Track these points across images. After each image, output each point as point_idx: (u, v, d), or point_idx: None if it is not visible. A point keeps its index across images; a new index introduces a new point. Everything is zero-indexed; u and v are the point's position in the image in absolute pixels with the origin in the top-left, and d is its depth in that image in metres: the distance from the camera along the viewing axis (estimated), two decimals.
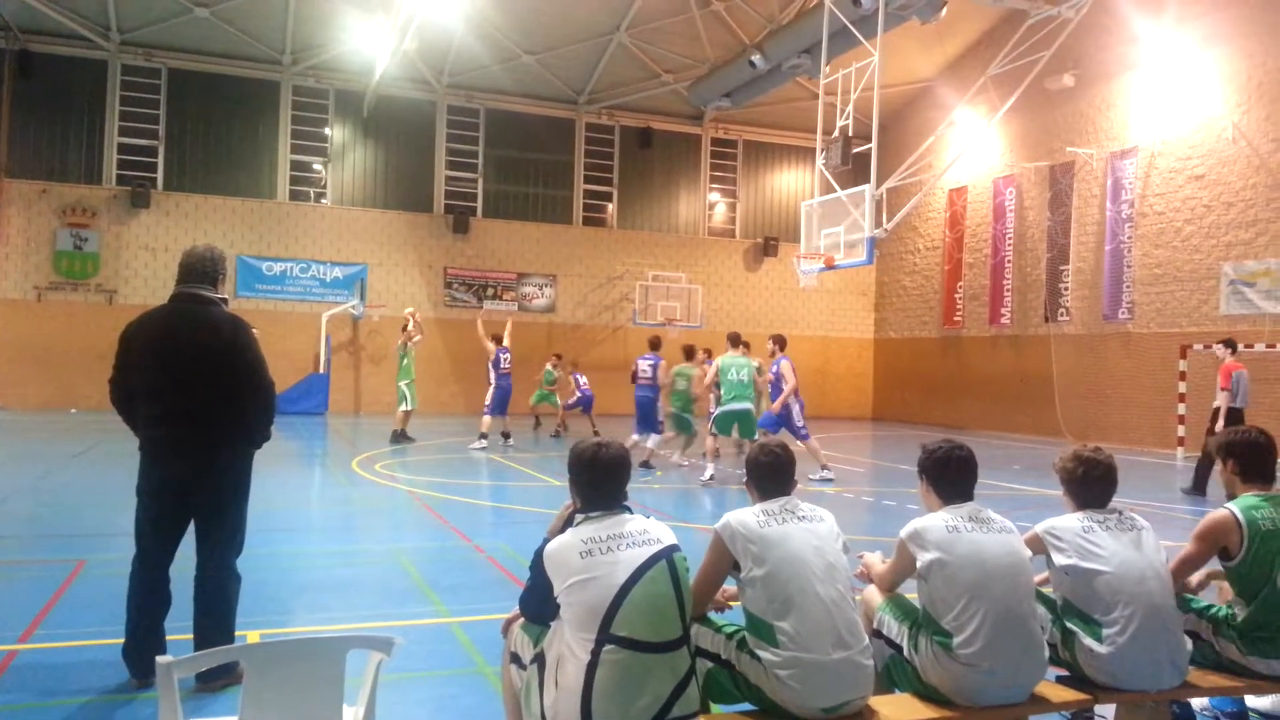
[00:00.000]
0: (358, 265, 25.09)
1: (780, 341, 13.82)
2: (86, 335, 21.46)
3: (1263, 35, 18.38)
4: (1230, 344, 13.13)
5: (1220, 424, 12.13)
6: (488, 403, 16.96)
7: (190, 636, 4.59)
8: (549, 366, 20.67)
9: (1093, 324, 21.95)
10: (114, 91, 23.53)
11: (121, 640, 4.64)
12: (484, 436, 16.45)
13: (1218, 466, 4.48)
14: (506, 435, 17.28)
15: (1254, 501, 4.14)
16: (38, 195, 22.78)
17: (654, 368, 14.95)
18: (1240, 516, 4.08)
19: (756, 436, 12.50)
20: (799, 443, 13.13)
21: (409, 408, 17.38)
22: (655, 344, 15.66)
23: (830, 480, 13.04)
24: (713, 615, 3.69)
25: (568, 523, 3.35)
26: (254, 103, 24.66)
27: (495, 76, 25.60)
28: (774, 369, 13.66)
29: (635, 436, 14.65)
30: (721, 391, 13.06)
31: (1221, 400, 12.59)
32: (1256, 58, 18.52)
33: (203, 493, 4.62)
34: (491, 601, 6.20)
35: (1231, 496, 4.29)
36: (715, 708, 3.53)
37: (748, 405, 12.84)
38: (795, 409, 13.48)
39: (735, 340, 13.41)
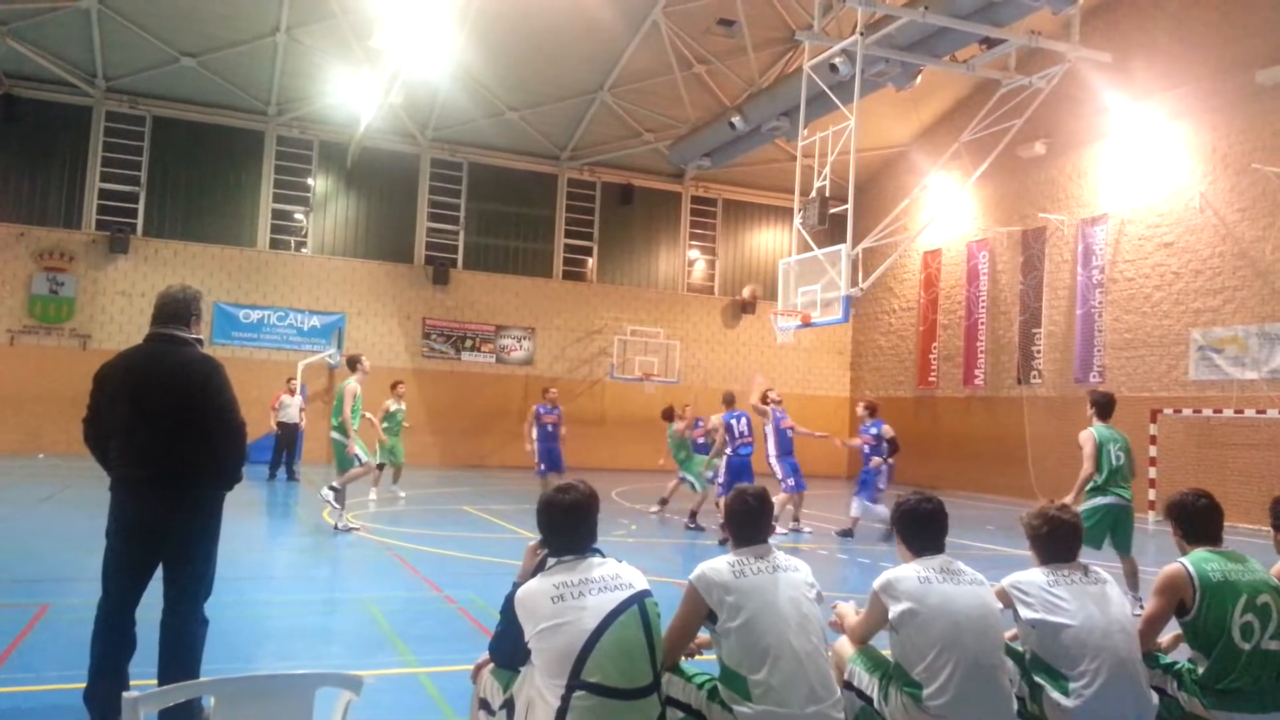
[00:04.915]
0: (336, 314, 25.07)
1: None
2: (58, 380, 21.24)
3: (1226, 109, 18.87)
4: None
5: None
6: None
7: (154, 682, 4.49)
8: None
9: (1064, 387, 22.17)
10: (97, 137, 23.59)
11: (84, 685, 4.55)
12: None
13: (1168, 528, 4.56)
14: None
15: (1204, 555, 4.23)
16: (15, 238, 22.70)
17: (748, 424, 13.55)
18: (1191, 569, 4.16)
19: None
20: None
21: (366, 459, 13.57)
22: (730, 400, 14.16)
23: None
24: (684, 665, 3.68)
25: (540, 567, 3.35)
26: (237, 152, 24.78)
27: (479, 131, 25.88)
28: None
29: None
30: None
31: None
32: (1220, 130, 18.99)
33: (172, 534, 4.58)
34: (461, 652, 6.13)
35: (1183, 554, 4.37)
36: None
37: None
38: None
39: (393, 385, 16.54)
